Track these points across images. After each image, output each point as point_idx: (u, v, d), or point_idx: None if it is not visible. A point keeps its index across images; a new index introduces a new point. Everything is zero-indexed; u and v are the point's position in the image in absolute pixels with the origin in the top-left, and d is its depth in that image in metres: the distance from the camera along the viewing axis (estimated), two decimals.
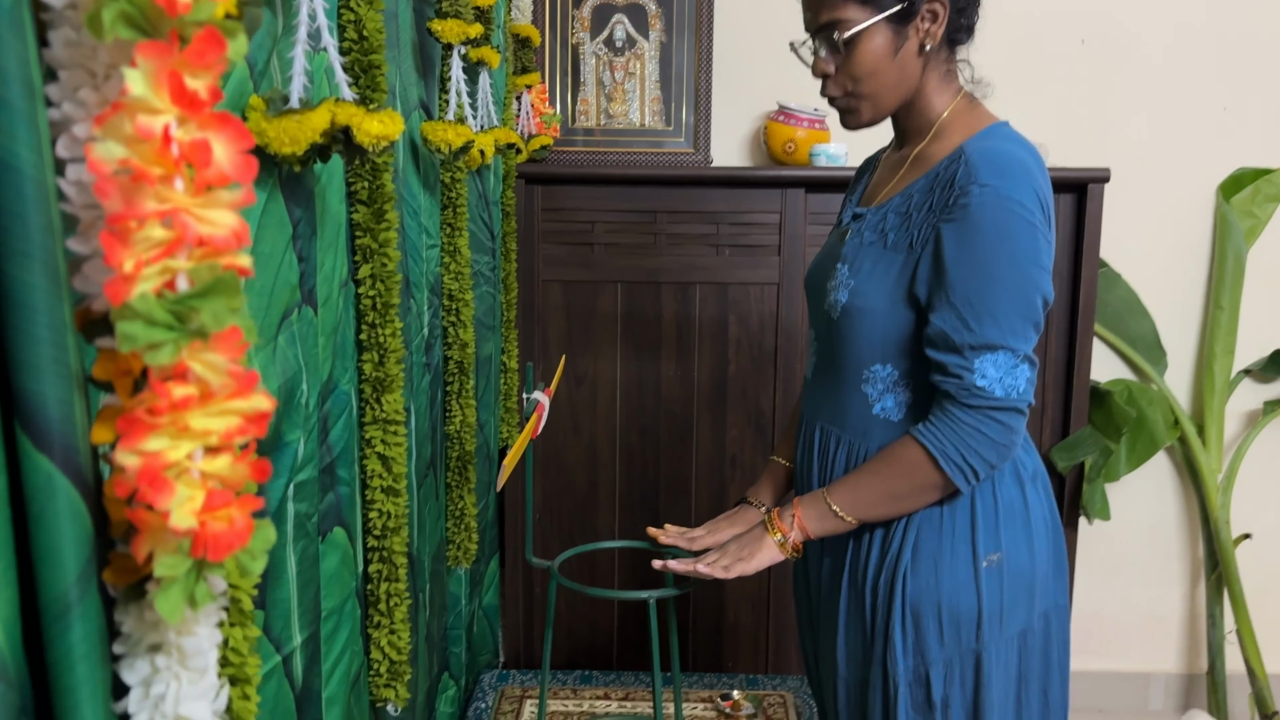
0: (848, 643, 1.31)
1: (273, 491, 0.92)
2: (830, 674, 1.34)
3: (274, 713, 0.96)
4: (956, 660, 1.23)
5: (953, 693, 1.24)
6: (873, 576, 1.27)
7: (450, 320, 1.62)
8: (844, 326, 1.27)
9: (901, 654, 1.24)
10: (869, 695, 1.27)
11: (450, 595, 1.77)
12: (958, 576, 1.23)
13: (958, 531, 1.24)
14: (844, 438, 1.31)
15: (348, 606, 1.14)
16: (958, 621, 1.23)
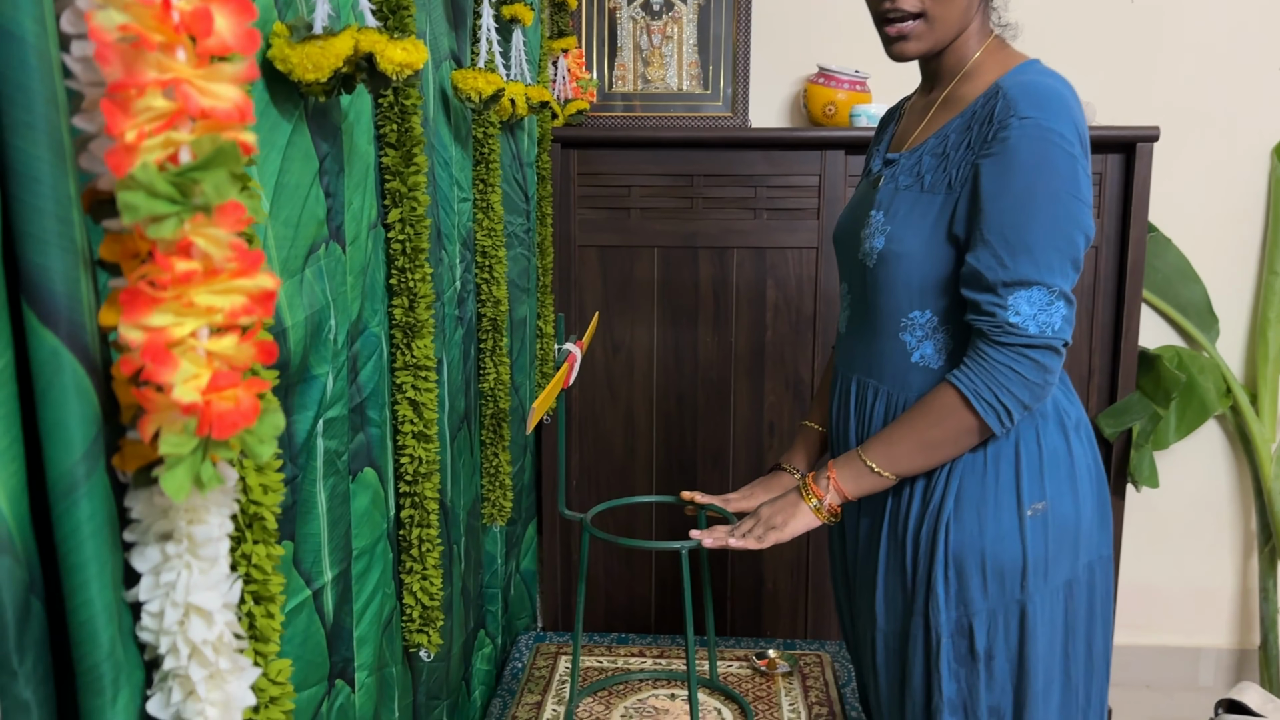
0: (887, 596, 1.29)
1: (300, 424, 0.92)
2: (868, 629, 1.32)
3: (304, 645, 0.97)
4: (1000, 611, 1.21)
5: (996, 644, 1.22)
6: (914, 528, 1.25)
7: (484, 277, 1.62)
8: (880, 274, 1.25)
9: (944, 605, 1.22)
10: (909, 648, 1.26)
11: (486, 554, 1.78)
12: (1002, 526, 1.21)
13: (1001, 480, 1.21)
14: (882, 389, 1.29)
15: (379, 548, 1.14)
16: (1001, 572, 1.21)
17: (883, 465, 1.23)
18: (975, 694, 1.22)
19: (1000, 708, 1.23)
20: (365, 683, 1.12)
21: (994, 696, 1.23)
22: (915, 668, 1.25)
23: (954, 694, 1.23)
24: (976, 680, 1.22)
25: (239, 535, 0.73)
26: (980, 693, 1.22)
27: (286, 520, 0.91)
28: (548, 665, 1.61)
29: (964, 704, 1.23)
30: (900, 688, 1.28)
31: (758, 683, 1.56)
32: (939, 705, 1.23)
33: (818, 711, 1.47)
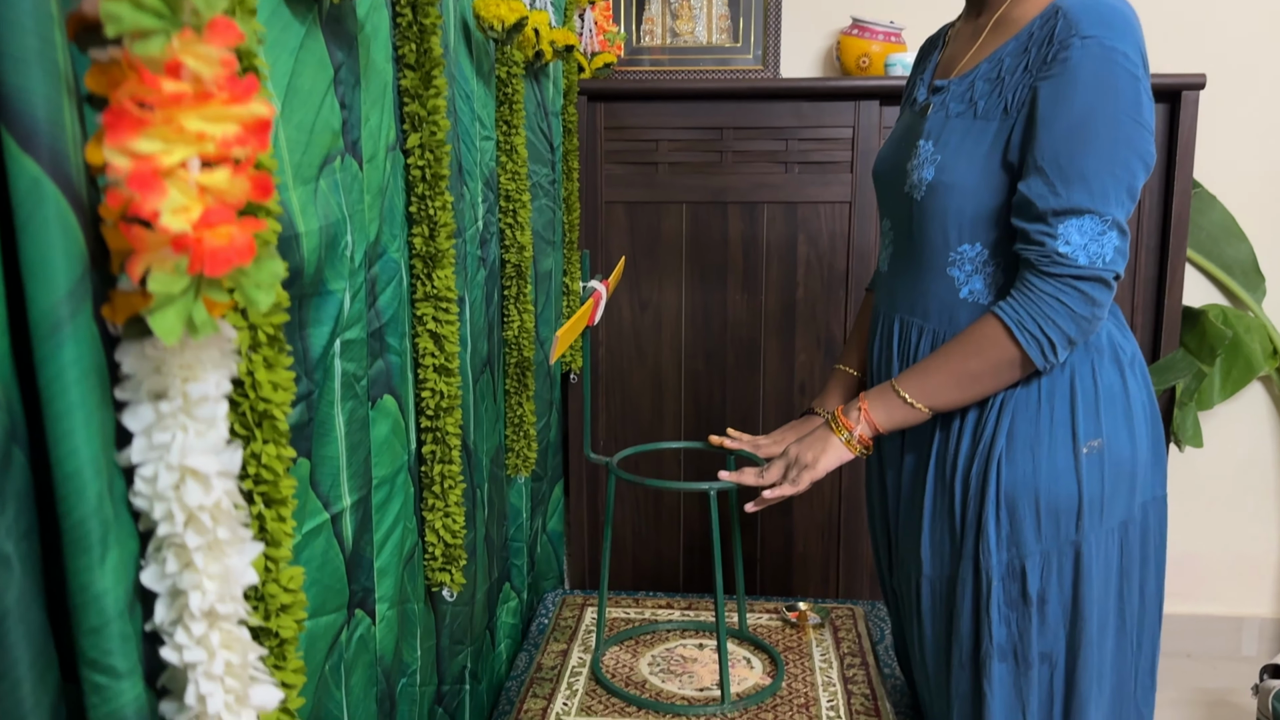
0: (934, 539, 1.25)
1: (316, 339, 0.90)
2: (912, 575, 1.28)
3: (323, 569, 0.94)
4: (1055, 553, 1.17)
5: (1050, 587, 1.17)
6: (963, 467, 1.21)
7: (508, 222, 1.59)
8: (929, 206, 1.21)
9: (995, 547, 1.17)
10: (957, 593, 1.21)
11: (511, 507, 1.76)
12: (1056, 464, 1.17)
13: (1056, 417, 1.17)
14: (928, 327, 1.25)
15: (400, 479, 1.12)
16: (1056, 511, 1.16)
17: (916, 397, 1.19)
18: (1027, 639, 1.18)
19: (1053, 653, 1.19)
20: (386, 615, 1.09)
21: (1046, 641, 1.18)
22: (964, 613, 1.21)
23: (1004, 639, 1.18)
24: (1029, 625, 1.18)
25: (248, 434, 0.71)
26: (1032, 637, 1.18)
27: (302, 438, 0.89)
28: (574, 616, 1.58)
29: (1014, 649, 1.19)
30: (946, 636, 1.24)
31: (788, 634, 1.52)
32: (989, 651, 1.19)
33: (850, 662, 1.44)
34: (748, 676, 1.39)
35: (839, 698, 1.34)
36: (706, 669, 1.41)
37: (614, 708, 1.31)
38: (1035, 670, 1.19)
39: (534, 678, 1.39)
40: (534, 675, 1.40)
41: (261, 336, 0.70)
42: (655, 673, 1.40)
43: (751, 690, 1.35)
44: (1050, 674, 1.19)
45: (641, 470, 2.30)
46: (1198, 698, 2.36)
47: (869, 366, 1.37)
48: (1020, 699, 1.20)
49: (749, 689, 1.35)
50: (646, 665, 1.42)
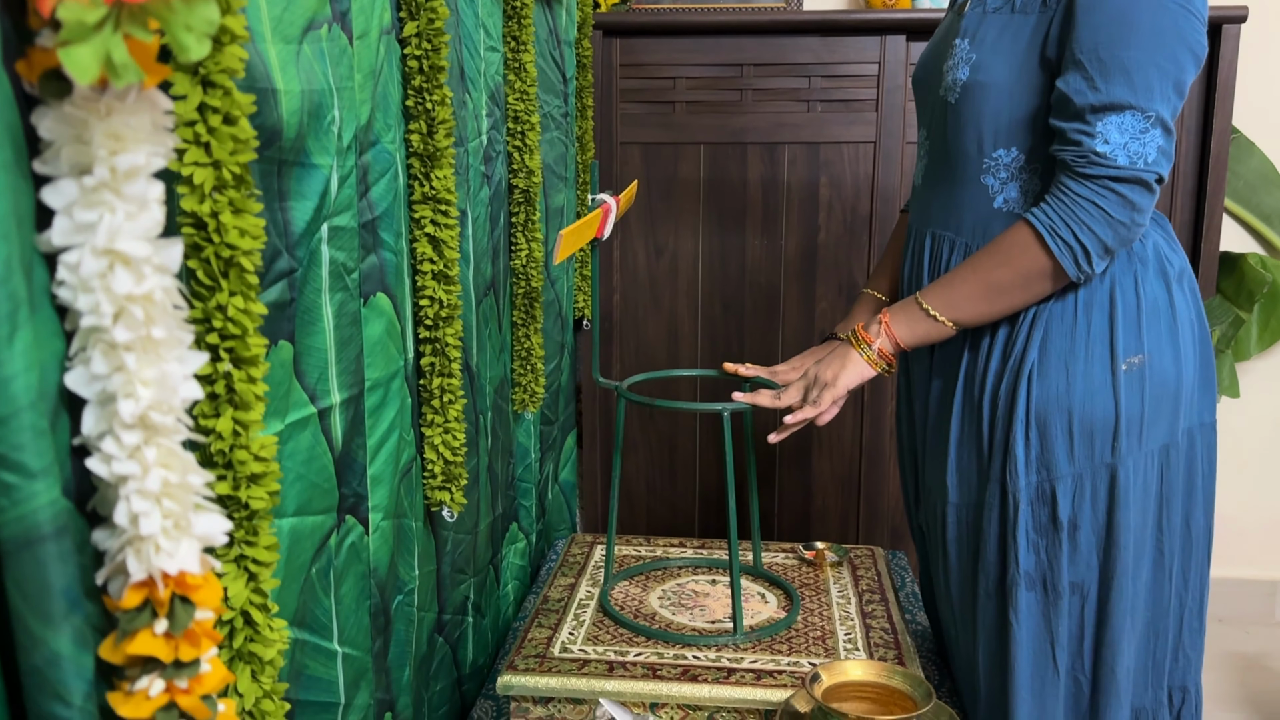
0: (960, 464, 1.18)
1: (298, 212, 0.84)
2: (938, 504, 1.22)
3: (309, 465, 0.89)
4: (1088, 475, 1.10)
5: (1082, 512, 1.10)
6: (992, 385, 1.14)
7: (516, 145, 1.53)
8: (963, 108, 1.14)
9: (1024, 468, 1.11)
10: (984, 519, 1.15)
11: (519, 446, 1.70)
12: (1092, 380, 1.10)
13: (1094, 330, 1.10)
14: (959, 241, 1.18)
15: (395, 385, 1.06)
16: (1090, 431, 1.10)
17: (941, 309, 1.13)
18: (1056, 567, 1.11)
19: (1084, 583, 1.12)
20: (380, 526, 1.04)
21: (1077, 570, 1.12)
22: (990, 540, 1.14)
23: (1032, 567, 1.12)
24: (1058, 552, 1.11)
25: (213, 284, 0.65)
26: (1062, 566, 1.11)
27: (284, 319, 0.83)
28: (583, 553, 1.53)
29: (1043, 578, 1.12)
30: (973, 565, 1.17)
31: (804, 572, 1.46)
32: (1015, 579, 1.12)
33: (869, 599, 1.37)
34: (761, 610, 1.33)
35: (857, 631, 1.28)
36: (719, 603, 1.35)
37: (622, 638, 1.26)
38: (1065, 600, 1.12)
39: (540, 609, 1.34)
40: (540, 607, 1.35)
41: (226, 175, 0.64)
42: (665, 606, 1.34)
43: (765, 624, 1.29)
44: (1081, 605, 1.13)
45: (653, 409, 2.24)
46: (1231, 662, 2.28)
47: (900, 286, 1.30)
48: (1049, 629, 1.13)
49: (763, 622, 1.29)
50: (656, 599, 1.37)
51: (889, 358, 1.17)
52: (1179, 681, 1.23)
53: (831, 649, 1.23)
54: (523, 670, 1.18)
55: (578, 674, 1.17)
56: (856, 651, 1.23)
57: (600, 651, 1.22)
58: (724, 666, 1.18)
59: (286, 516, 0.87)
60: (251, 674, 0.73)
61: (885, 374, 1.19)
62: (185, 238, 0.65)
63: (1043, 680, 1.14)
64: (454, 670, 1.36)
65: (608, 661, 1.20)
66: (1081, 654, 1.13)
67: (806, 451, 2.21)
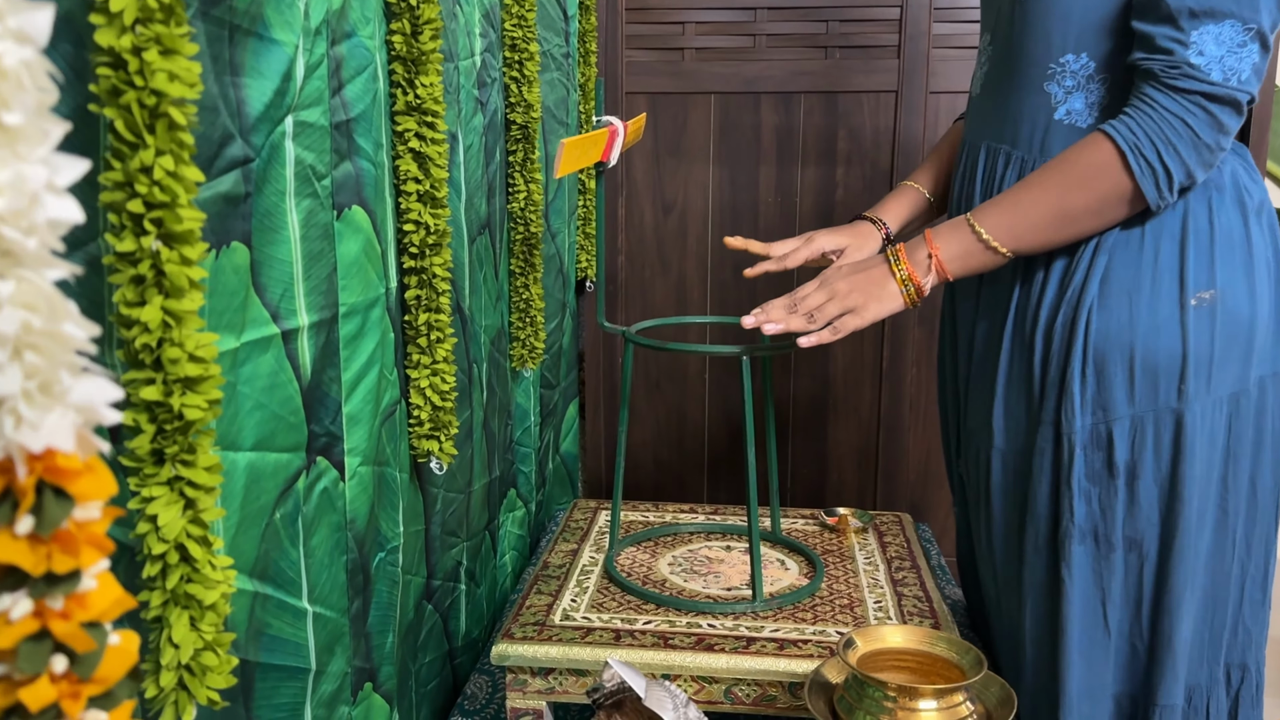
0: (1008, 405, 1.06)
1: (254, 90, 0.72)
2: (981, 451, 1.09)
3: (270, 393, 0.77)
4: (1150, 419, 0.98)
5: (1142, 459, 0.99)
6: (1046, 318, 1.02)
7: (513, 75, 1.41)
8: (1033, 7, 1.02)
9: (1080, 409, 0.99)
10: (1034, 465, 1.03)
11: (518, 407, 1.58)
12: (1158, 315, 0.98)
13: (1162, 260, 0.98)
14: (1015, 154, 1.06)
15: (375, 314, 0.95)
16: (1154, 370, 0.98)
17: (999, 236, 1.00)
18: (1110, 519, 0.99)
19: (1141, 539, 1.00)
20: (359, 472, 0.92)
21: (1135, 525, 1.00)
22: (1040, 488, 1.02)
23: (1084, 518, 1.00)
24: (1113, 501, 0.99)
25: (135, 139, 0.54)
26: (1116, 518, 0.99)
27: (238, 217, 0.72)
28: (586, 518, 1.41)
29: (1094, 531, 1.00)
30: (1020, 517, 1.05)
31: (826, 538, 1.34)
32: (1069, 531, 1.00)
33: (899, 566, 1.25)
34: (782, 578, 1.21)
35: (888, 599, 1.16)
36: (735, 569, 1.23)
37: (629, 605, 1.14)
38: (1119, 555, 1.00)
39: (539, 575, 1.22)
40: (539, 573, 1.23)
41: (153, 3, 0.52)
42: (676, 572, 1.23)
43: (788, 590, 1.17)
44: (1140, 564, 1.00)
45: (661, 368, 2.12)
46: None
47: (951, 203, 1.19)
48: (1100, 586, 1.01)
49: (784, 589, 1.17)
50: (666, 565, 1.25)
51: (924, 291, 1.05)
52: (1238, 658, 1.11)
53: (861, 618, 1.11)
54: (520, 639, 1.07)
55: (581, 643, 1.05)
56: (889, 620, 1.11)
57: (605, 619, 1.10)
58: (742, 635, 1.06)
59: (243, 450, 0.75)
60: (190, 621, 0.61)
61: (911, 308, 1.06)
62: (101, 79, 0.53)
63: (1092, 642, 1.02)
64: (445, 642, 1.24)
65: (614, 630, 1.08)
66: (1140, 618, 1.01)
67: (821, 421, 2.09)
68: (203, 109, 0.66)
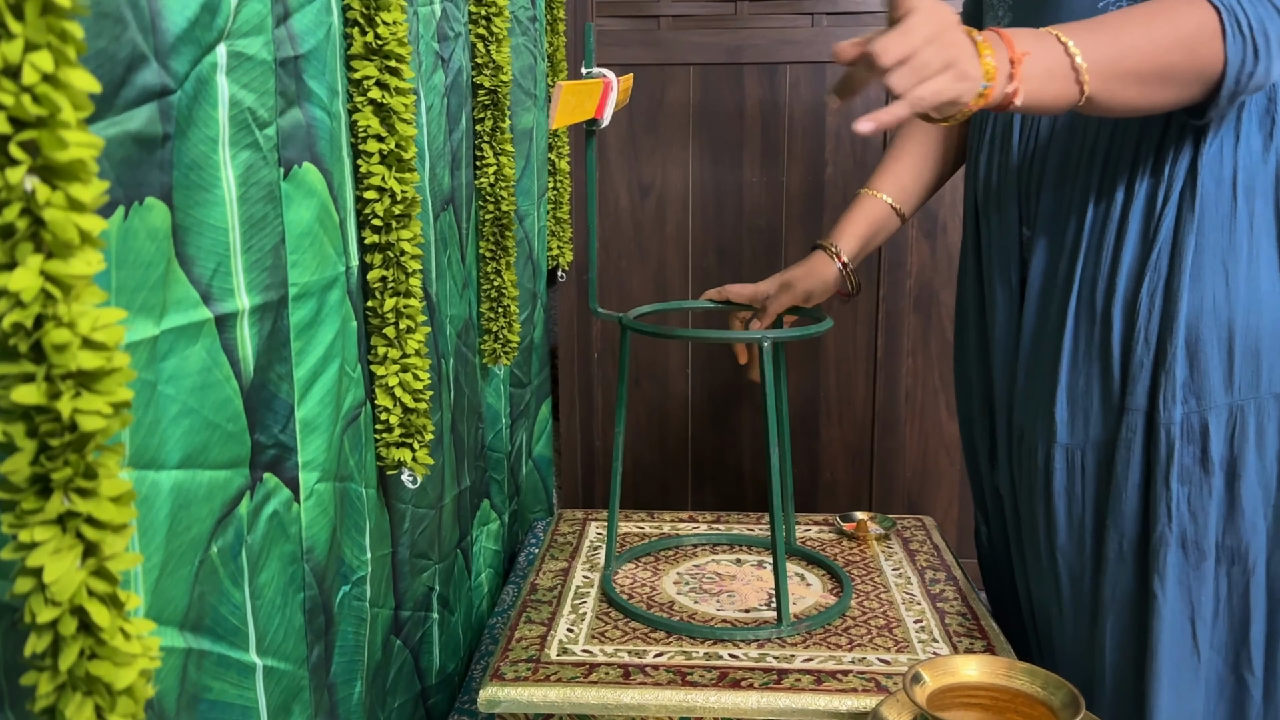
0: (1073, 392, 0.91)
1: (176, 3, 0.55)
2: (1038, 448, 0.94)
3: (201, 395, 0.61)
4: (1252, 409, 0.85)
5: (1244, 456, 0.85)
6: (1127, 285, 0.88)
7: (479, 33, 1.25)
8: None
9: (1180, 395, 0.85)
10: (1118, 461, 0.88)
11: (489, 408, 1.42)
12: (1258, 285, 0.85)
13: (1258, 223, 0.85)
14: None
15: (333, 297, 0.78)
16: (1256, 350, 0.85)
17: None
18: (1202, 521, 0.86)
19: (1247, 549, 0.86)
20: (317, 490, 0.76)
21: (1236, 532, 0.86)
22: (1127, 487, 0.88)
23: (1180, 521, 0.86)
24: (1206, 503, 0.86)
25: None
26: (1209, 521, 0.86)
27: (154, 166, 0.55)
28: (574, 531, 1.25)
29: (1182, 534, 0.86)
30: (1096, 521, 0.91)
31: (846, 547, 1.20)
32: (1164, 537, 0.86)
33: (933, 578, 1.11)
34: (805, 595, 1.06)
35: (928, 617, 1.02)
36: (750, 587, 1.08)
37: (634, 633, 0.98)
38: (1210, 564, 0.86)
39: (528, 600, 1.06)
40: (527, 598, 1.07)
41: None
42: (684, 592, 1.07)
43: (813, 610, 1.02)
44: (1245, 579, 0.87)
45: (640, 362, 1.97)
46: None
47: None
48: (1188, 599, 0.88)
49: (809, 609, 1.03)
50: (671, 584, 1.09)
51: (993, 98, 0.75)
52: None
53: (903, 641, 0.97)
54: (512, 680, 0.90)
55: (584, 682, 0.89)
56: (935, 643, 0.96)
57: (610, 653, 0.95)
58: (772, 667, 0.91)
59: (167, 468, 0.58)
60: (96, 711, 0.44)
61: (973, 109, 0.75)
62: None
63: (1180, 666, 0.89)
64: (416, 681, 1.08)
65: (621, 665, 0.92)
66: (1247, 645, 0.88)
67: (814, 418, 1.95)
68: (100, 16, 0.49)
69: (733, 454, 1.97)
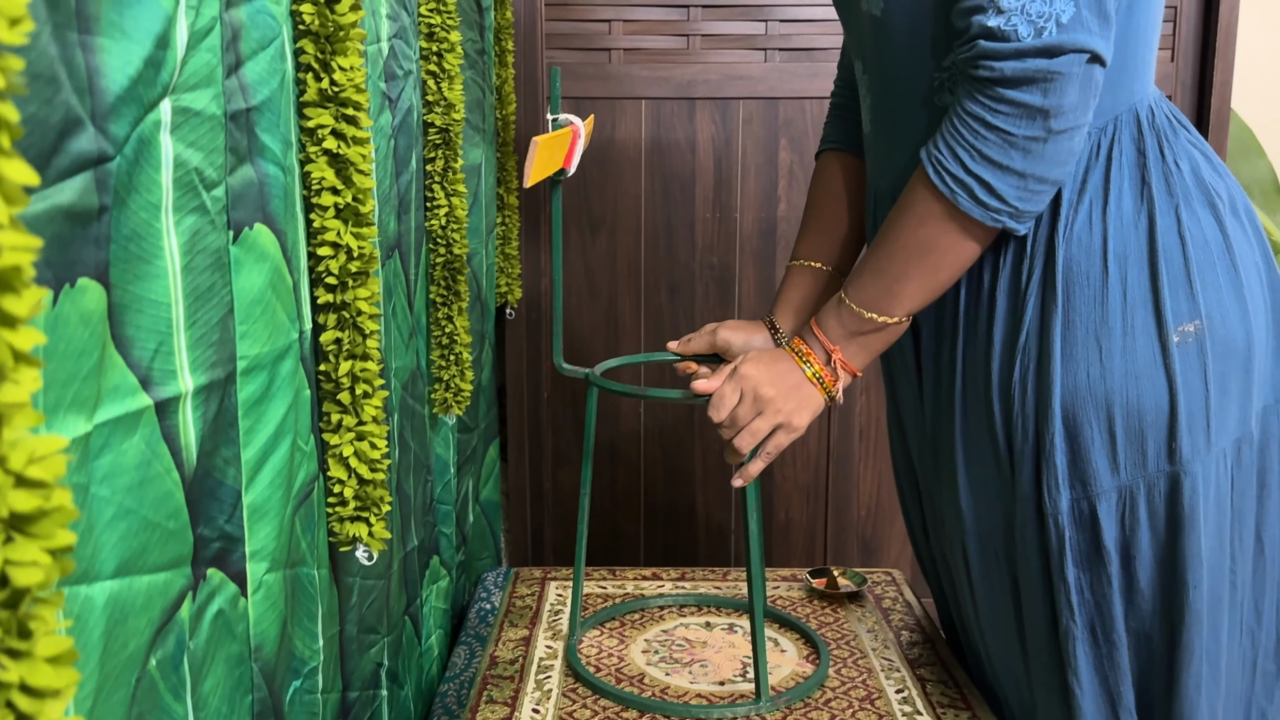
0: (972, 481, 0.89)
1: (116, 60, 0.50)
2: (954, 534, 0.91)
3: (139, 493, 0.54)
4: (1141, 488, 0.81)
5: (1137, 538, 0.82)
6: (1000, 371, 0.85)
7: (430, 69, 1.19)
8: (895, 16, 0.85)
9: (1064, 481, 0.82)
10: (1019, 548, 0.86)
11: (437, 459, 1.35)
12: (1135, 359, 0.80)
13: (1131, 290, 0.81)
14: None
15: (285, 367, 0.71)
16: (1139, 428, 0.81)
17: (885, 306, 0.84)
18: (1107, 612, 0.83)
19: (1150, 631, 0.84)
20: (265, 582, 0.69)
21: (1139, 615, 0.83)
22: (1031, 576, 0.85)
23: (1082, 612, 0.83)
24: (1109, 591, 0.83)
25: None
26: (1114, 609, 0.83)
27: (89, 241, 0.48)
28: (533, 594, 1.19)
29: (1091, 624, 0.83)
30: (1013, 611, 0.88)
31: (818, 606, 1.16)
32: (1069, 630, 0.83)
33: (911, 639, 1.08)
34: (780, 663, 1.02)
35: (910, 686, 0.98)
36: (722, 655, 1.04)
37: (605, 712, 0.92)
38: (1121, 652, 0.83)
39: (488, 676, 1.00)
40: (487, 673, 1.00)
41: None
42: (654, 663, 1.02)
43: (790, 681, 0.98)
44: (1150, 658, 0.84)
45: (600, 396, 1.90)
46: None
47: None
48: (1107, 690, 0.84)
49: (786, 680, 0.98)
50: (640, 653, 1.04)
51: (839, 395, 0.89)
52: None
53: (885, 714, 0.93)
54: None
55: None
56: (919, 715, 0.93)
57: None
58: None
59: (101, 579, 0.51)
60: None
61: (831, 405, 0.90)
62: None
63: None
64: None
65: None
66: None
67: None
68: (32, 78, 0.43)
69: (685, 495, 1.92)
